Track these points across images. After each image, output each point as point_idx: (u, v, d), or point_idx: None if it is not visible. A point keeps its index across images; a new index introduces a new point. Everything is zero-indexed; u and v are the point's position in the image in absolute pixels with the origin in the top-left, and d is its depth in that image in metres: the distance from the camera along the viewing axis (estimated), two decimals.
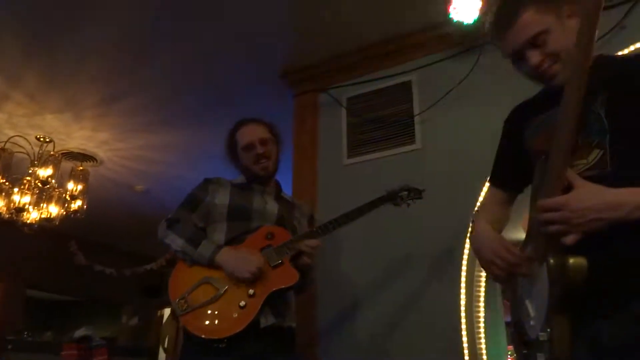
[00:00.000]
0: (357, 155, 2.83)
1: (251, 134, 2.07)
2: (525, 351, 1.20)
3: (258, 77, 3.21)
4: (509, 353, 2.80)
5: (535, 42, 1.19)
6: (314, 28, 2.80)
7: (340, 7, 2.63)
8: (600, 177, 1.08)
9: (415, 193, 2.14)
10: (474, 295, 2.37)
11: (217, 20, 2.75)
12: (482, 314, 2.37)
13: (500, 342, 2.50)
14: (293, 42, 2.93)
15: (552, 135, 1.08)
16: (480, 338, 2.37)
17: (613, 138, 1.10)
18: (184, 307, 1.78)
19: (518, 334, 1.24)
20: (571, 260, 1.00)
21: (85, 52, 3.03)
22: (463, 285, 2.36)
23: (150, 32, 2.85)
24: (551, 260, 1.04)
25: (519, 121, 1.37)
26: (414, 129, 2.70)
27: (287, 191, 2.88)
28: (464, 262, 2.37)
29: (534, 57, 1.20)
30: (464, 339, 2.29)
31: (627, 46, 2.16)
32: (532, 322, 1.16)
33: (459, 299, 2.34)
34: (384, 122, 2.80)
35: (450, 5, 2.37)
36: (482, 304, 2.38)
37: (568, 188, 1.06)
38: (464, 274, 2.36)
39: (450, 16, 2.40)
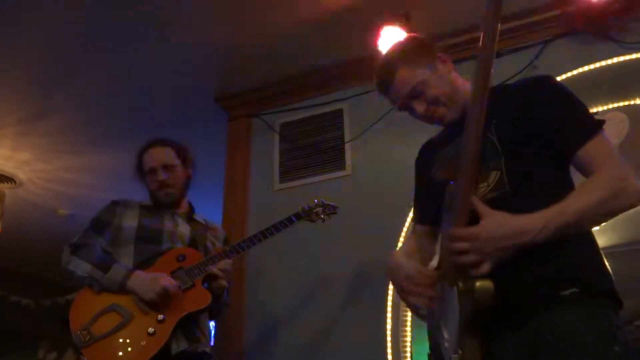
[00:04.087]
0: (288, 180, 2.86)
1: (154, 159, 2.04)
2: None
3: (193, 99, 3.19)
4: None
5: (414, 94, 1.31)
6: (249, 54, 2.83)
7: (276, 35, 2.69)
8: (501, 198, 1.16)
9: (330, 209, 2.16)
10: (400, 320, 2.41)
11: (150, 41, 2.73)
12: (408, 339, 2.41)
13: None
14: (229, 67, 2.95)
15: (456, 165, 1.15)
16: None
17: (507, 160, 1.18)
18: (86, 338, 1.68)
19: (435, 357, 1.27)
20: (478, 284, 1.06)
21: (6, 66, 2.89)
22: (389, 309, 2.40)
23: (77, 48, 2.77)
24: (460, 284, 1.10)
25: (426, 158, 1.46)
26: (344, 156, 2.76)
27: (218, 213, 2.86)
28: (391, 287, 2.41)
29: (419, 106, 1.32)
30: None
31: None
32: (446, 345, 1.21)
33: (386, 324, 2.37)
34: (315, 148, 2.85)
35: (378, 38, 2.47)
36: (408, 329, 2.42)
37: (474, 214, 1.12)
38: (390, 297, 2.40)
39: (379, 50, 2.51)
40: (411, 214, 2.47)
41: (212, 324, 2.31)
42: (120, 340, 1.69)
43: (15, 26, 2.62)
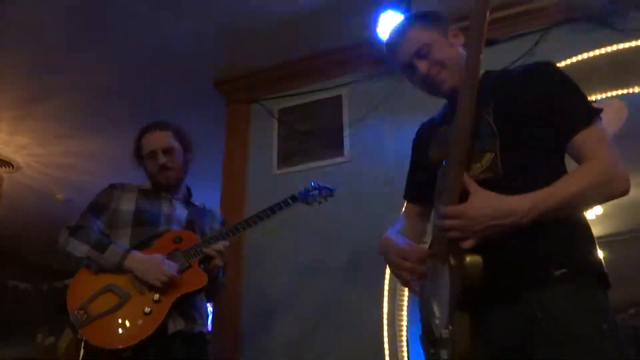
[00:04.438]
0: (286, 166, 2.86)
1: (154, 142, 2.04)
2: (432, 350, 1.25)
3: (192, 84, 3.18)
4: None
5: (421, 52, 1.32)
6: (248, 39, 2.82)
7: (275, 21, 2.68)
8: (494, 179, 1.18)
9: (326, 191, 2.15)
10: (396, 305, 2.43)
11: (149, 26, 2.71)
12: (404, 323, 2.43)
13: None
14: (228, 52, 2.94)
15: (450, 146, 1.17)
16: (402, 347, 2.43)
17: (502, 143, 1.20)
18: (83, 317, 1.70)
19: (426, 335, 1.29)
20: (468, 259, 1.09)
21: (3, 49, 2.87)
22: (386, 294, 2.42)
23: (75, 32, 2.75)
24: (452, 260, 1.12)
25: (423, 138, 1.48)
26: (342, 142, 2.77)
27: (216, 198, 2.87)
28: (387, 272, 2.43)
29: (422, 65, 1.32)
30: (386, 346, 2.34)
31: None
32: (437, 321, 1.23)
33: (382, 308, 2.40)
34: (314, 134, 2.85)
35: (378, 24, 2.46)
36: (405, 313, 2.44)
37: (465, 192, 1.13)
38: (387, 282, 2.42)
39: (378, 36, 2.51)
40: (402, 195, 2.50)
41: (210, 306, 2.33)
42: (117, 319, 1.71)
43: (12, 10, 2.60)
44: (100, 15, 2.64)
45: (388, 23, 2.45)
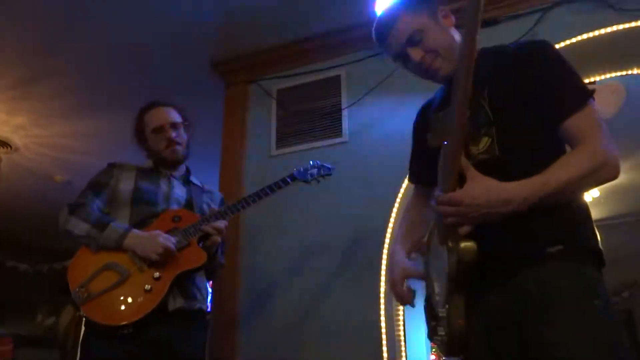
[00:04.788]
0: (285, 147, 2.86)
1: (162, 116, 2.04)
2: (433, 323, 1.28)
3: (191, 65, 3.17)
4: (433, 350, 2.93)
5: (413, 40, 1.30)
6: (246, 20, 2.80)
7: (273, 1, 2.65)
8: (492, 160, 1.19)
9: (325, 170, 2.15)
10: None
11: (148, 5, 2.69)
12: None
13: (421, 330, 2.61)
14: (225, 33, 2.92)
15: (447, 131, 1.17)
16: (399, 326, 2.46)
17: (498, 128, 1.20)
18: (84, 295, 1.71)
19: (429, 308, 1.32)
20: (462, 244, 1.11)
21: (2, 29, 2.84)
22: (383, 274, 2.44)
23: (73, 11, 2.72)
24: (449, 244, 1.15)
25: (423, 120, 1.48)
26: (341, 123, 2.77)
27: (214, 179, 2.87)
28: (385, 252, 2.45)
29: (415, 54, 1.31)
30: (383, 324, 2.37)
31: None
32: (437, 298, 1.26)
33: (379, 288, 2.42)
34: (312, 115, 2.85)
35: (375, 4, 2.45)
36: None
37: (463, 176, 1.14)
38: (384, 262, 2.44)
39: (376, 15, 2.49)
40: (406, 180, 2.51)
41: (209, 285, 2.35)
42: (118, 296, 1.72)
43: None
44: None
45: (385, 3, 2.44)
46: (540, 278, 1.11)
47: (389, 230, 2.46)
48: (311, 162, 2.16)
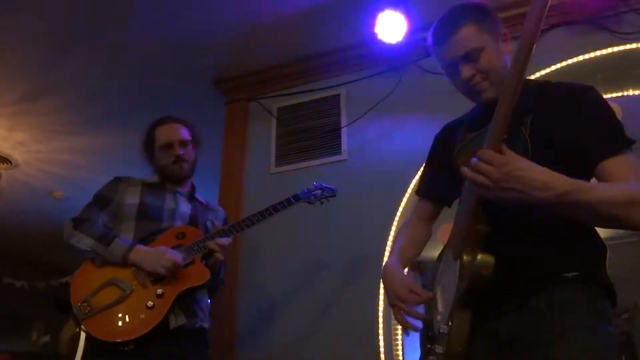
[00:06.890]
0: (284, 164, 2.88)
1: (171, 133, 2.05)
2: (429, 346, 1.26)
3: (192, 82, 3.19)
4: None
5: (469, 57, 1.24)
6: (248, 38, 2.84)
7: (274, 20, 2.70)
8: None
9: (329, 192, 2.18)
10: None
11: (149, 23, 2.73)
12: None
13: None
14: (226, 51, 2.96)
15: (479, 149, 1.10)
16: (397, 344, 2.45)
17: (534, 158, 1.11)
18: (86, 310, 1.70)
19: (425, 332, 1.31)
20: (479, 256, 1.07)
21: (2, 45, 2.87)
22: (382, 292, 2.44)
23: (75, 28, 2.76)
24: (464, 257, 1.11)
25: (449, 138, 1.44)
26: (340, 141, 2.79)
27: (214, 196, 2.88)
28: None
29: (466, 70, 1.25)
30: (381, 344, 2.35)
31: (532, 72, 2.36)
32: (439, 317, 1.24)
33: (378, 307, 2.41)
34: (312, 133, 2.87)
35: (376, 24, 2.49)
36: None
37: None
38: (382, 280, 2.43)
39: (377, 36, 2.53)
40: (404, 199, 2.52)
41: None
42: (120, 313, 1.71)
43: (11, 6, 2.61)
44: (99, 12, 2.66)
45: (386, 23, 2.48)
46: (554, 299, 1.10)
47: (388, 248, 2.46)
48: (315, 183, 2.18)
